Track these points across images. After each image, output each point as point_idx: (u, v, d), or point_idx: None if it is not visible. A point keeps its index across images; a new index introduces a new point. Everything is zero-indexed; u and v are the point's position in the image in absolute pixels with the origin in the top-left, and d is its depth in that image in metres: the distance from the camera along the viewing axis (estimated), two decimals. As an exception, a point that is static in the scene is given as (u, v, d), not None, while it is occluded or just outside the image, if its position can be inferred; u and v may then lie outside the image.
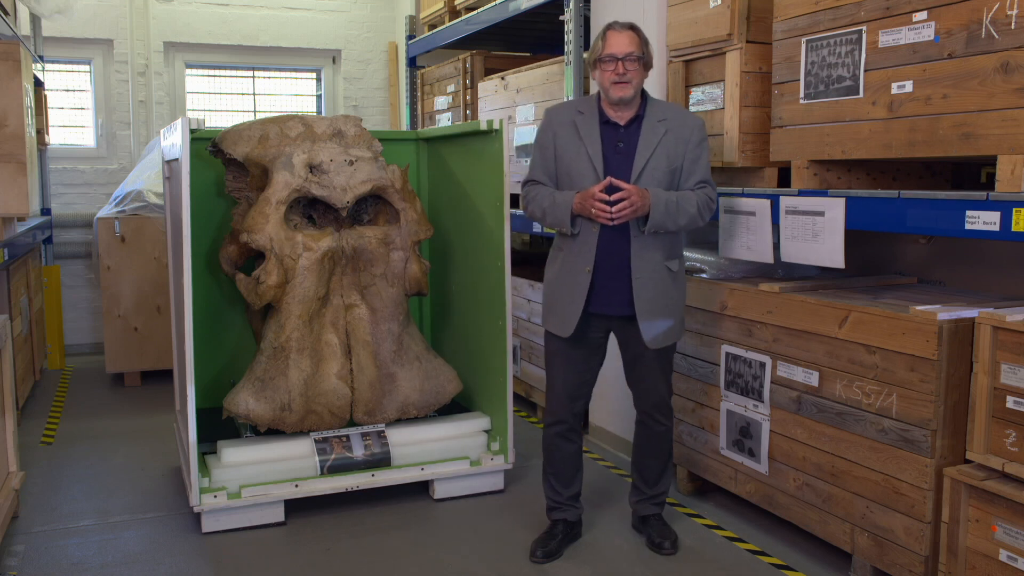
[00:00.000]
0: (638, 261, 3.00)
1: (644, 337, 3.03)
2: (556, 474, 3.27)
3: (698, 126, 3.08)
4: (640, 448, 3.31)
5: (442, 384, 3.81)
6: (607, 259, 3.01)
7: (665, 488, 3.34)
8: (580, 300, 3.04)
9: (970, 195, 2.53)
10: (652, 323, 3.03)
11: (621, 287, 3.02)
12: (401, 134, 4.58)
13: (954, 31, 2.61)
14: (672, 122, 3.04)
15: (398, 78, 7.40)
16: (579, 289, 3.04)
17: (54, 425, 4.88)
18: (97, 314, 6.65)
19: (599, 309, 3.07)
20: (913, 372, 2.69)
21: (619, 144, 3.03)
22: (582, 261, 3.03)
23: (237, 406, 3.50)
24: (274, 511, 3.47)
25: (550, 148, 3.10)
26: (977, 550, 2.54)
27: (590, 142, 3.02)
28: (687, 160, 3.05)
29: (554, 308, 3.13)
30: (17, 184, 4.04)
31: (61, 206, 6.63)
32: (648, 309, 3.02)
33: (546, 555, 3.17)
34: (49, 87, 6.51)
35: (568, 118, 3.09)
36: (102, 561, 3.20)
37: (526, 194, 3.16)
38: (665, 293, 3.05)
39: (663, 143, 3.01)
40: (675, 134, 3.03)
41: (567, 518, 3.28)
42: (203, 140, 3.77)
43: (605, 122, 3.06)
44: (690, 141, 3.04)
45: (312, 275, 3.54)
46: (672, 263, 3.07)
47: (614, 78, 2.97)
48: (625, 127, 3.05)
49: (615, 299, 3.04)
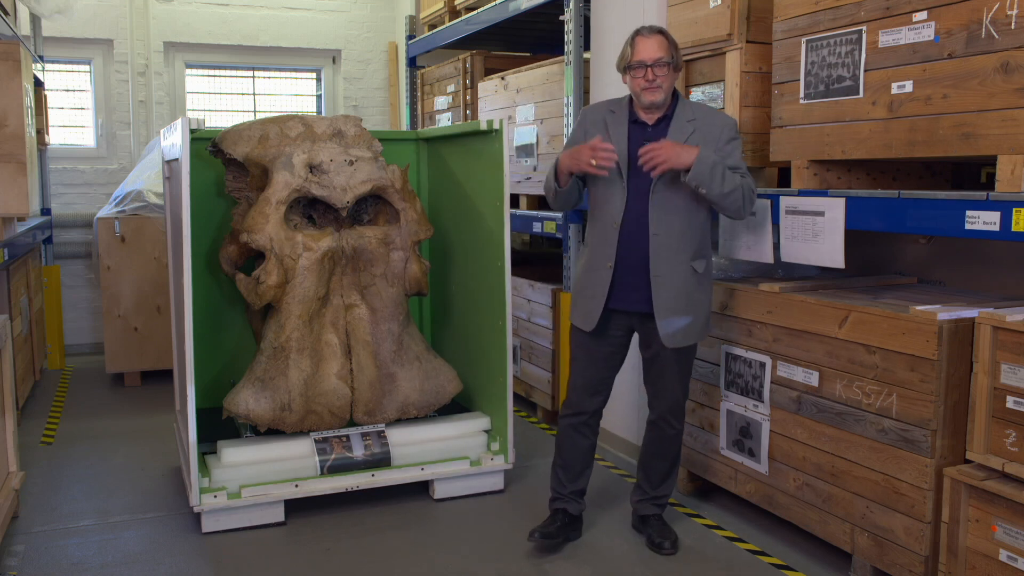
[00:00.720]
0: (657, 260, 3.01)
1: (661, 335, 3.04)
2: (565, 466, 3.28)
3: (729, 125, 3.08)
4: (649, 449, 3.32)
5: (442, 384, 3.81)
6: (628, 256, 3.04)
7: (668, 491, 3.35)
8: (602, 296, 3.07)
9: (970, 195, 2.53)
10: (670, 322, 3.04)
11: (641, 284, 3.04)
12: (401, 134, 4.58)
13: (954, 31, 2.61)
14: (701, 121, 3.05)
15: (398, 78, 7.40)
16: (601, 284, 3.07)
17: (54, 425, 4.88)
18: (97, 314, 6.66)
19: (619, 305, 3.09)
20: (913, 372, 2.69)
21: (645, 142, 3.04)
22: (604, 257, 3.07)
23: (237, 406, 3.50)
24: (274, 511, 3.47)
25: (580, 143, 3.13)
26: (977, 550, 2.54)
27: (618, 139, 3.07)
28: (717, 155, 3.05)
29: (578, 302, 3.18)
30: (17, 184, 4.04)
31: (61, 206, 6.63)
32: (667, 307, 3.03)
33: (544, 536, 3.19)
34: (49, 87, 6.51)
35: (600, 117, 3.16)
36: (102, 561, 3.20)
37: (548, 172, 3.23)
38: (687, 293, 3.06)
39: (690, 141, 3.01)
40: (703, 133, 3.03)
41: (567, 509, 3.29)
42: (203, 140, 3.77)
43: (634, 121, 3.10)
44: (720, 139, 3.04)
45: (312, 275, 3.54)
46: (698, 263, 3.07)
47: (644, 84, 3.00)
48: (653, 126, 3.08)
49: (634, 296, 3.06)
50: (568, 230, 4.40)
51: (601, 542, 3.33)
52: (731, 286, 3.42)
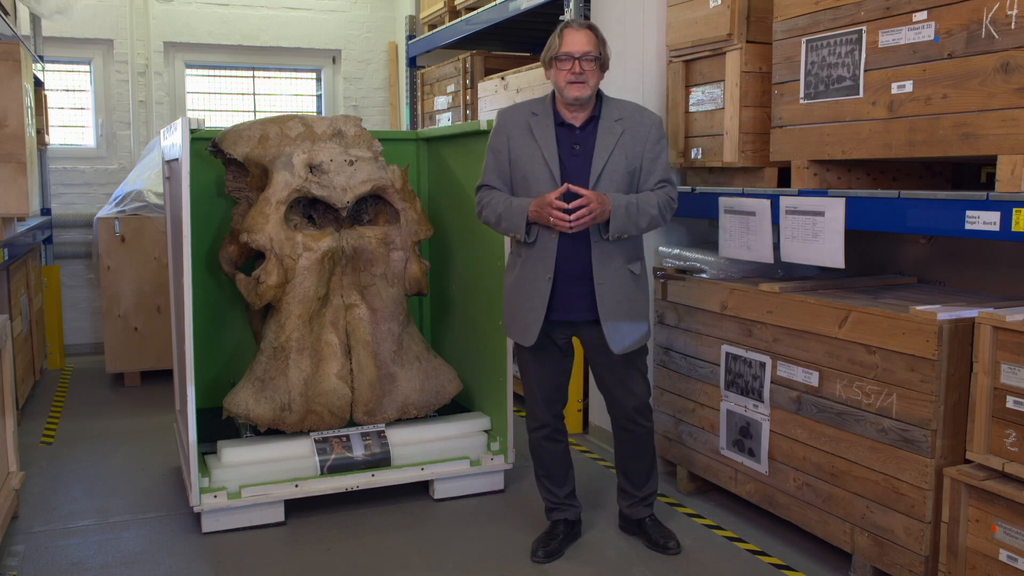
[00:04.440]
0: (600, 267, 2.94)
1: (611, 345, 2.98)
2: (548, 476, 3.26)
3: (655, 124, 3.02)
4: (624, 452, 3.26)
5: (442, 384, 3.81)
6: (568, 265, 2.95)
7: (654, 488, 3.31)
8: (541, 308, 2.97)
9: (970, 195, 2.53)
10: (618, 328, 2.98)
11: (583, 292, 2.97)
12: (401, 134, 4.58)
13: (954, 31, 2.61)
14: (629, 121, 2.98)
15: (398, 78, 7.40)
16: (539, 297, 2.97)
17: (54, 425, 4.88)
18: (97, 314, 6.65)
19: (562, 316, 3.01)
20: (913, 372, 2.69)
21: (575, 146, 2.97)
22: (542, 268, 2.96)
23: (237, 406, 3.50)
24: (274, 511, 3.47)
25: (504, 152, 3.02)
26: (977, 550, 2.54)
27: (545, 145, 2.95)
28: (646, 159, 2.99)
29: (515, 317, 3.06)
30: (17, 184, 4.04)
31: (61, 206, 6.63)
32: (613, 313, 2.97)
33: (548, 555, 3.17)
34: (49, 87, 6.51)
35: (522, 120, 3.01)
36: (102, 561, 3.20)
37: (480, 199, 3.06)
38: (629, 297, 3.01)
39: (620, 144, 2.95)
40: (632, 134, 2.97)
41: (567, 517, 3.28)
42: (203, 140, 3.76)
43: (560, 124, 2.99)
44: (648, 140, 2.99)
45: (312, 275, 3.54)
46: (635, 266, 3.03)
47: (570, 77, 2.90)
48: (581, 128, 2.98)
49: (577, 305, 2.99)
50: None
51: (601, 542, 3.33)
52: (731, 286, 3.42)
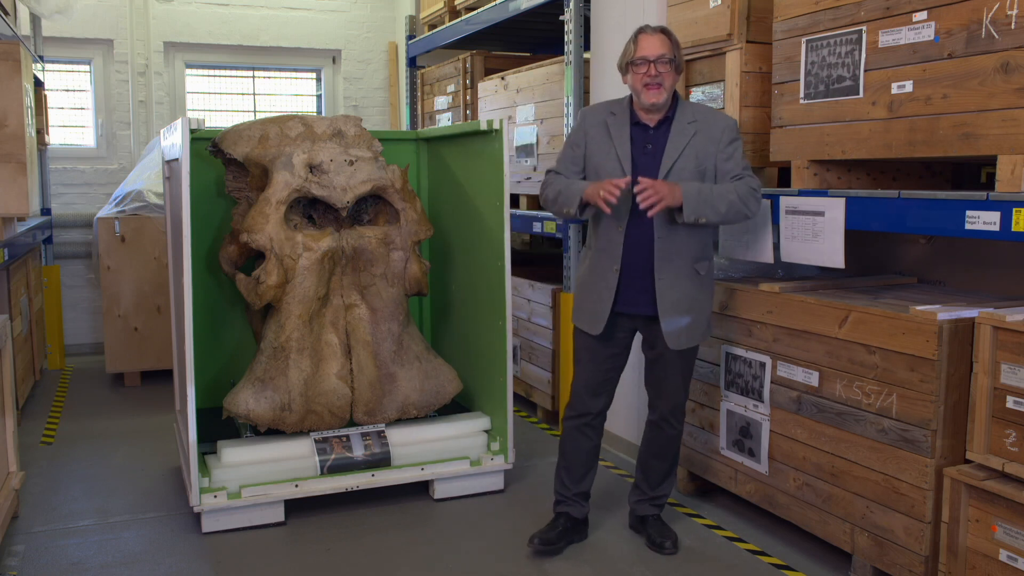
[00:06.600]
0: (662, 263, 3.02)
1: (665, 337, 3.06)
2: (568, 468, 3.29)
3: (729, 126, 3.08)
4: (649, 449, 3.32)
5: (442, 384, 3.81)
6: (633, 259, 3.05)
7: (667, 491, 3.35)
8: (608, 299, 3.08)
9: (970, 195, 2.53)
10: (674, 323, 3.06)
11: (646, 287, 3.05)
12: (401, 134, 4.58)
13: (954, 31, 2.61)
14: (702, 123, 3.05)
15: (398, 78, 7.40)
16: (607, 288, 3.08)
17: (54, 425, 4.88)
18: (97, 314, 6.65)
19: (625, 308, 3.10)
20: (913, 372, 2.69)
21: (647, 145, 3.06)
22: (610, 261, 3.07)
23: (237, 406, 3.50)
24: (274, 511, 3.47)
25: (580, 146, 3.15)
26: (977, 550, 2.54)
27: (620, 143, 3.06)
28: (719, 159, 3.04)
29: (584, 306, 3.18)
30: (17, 184, 4.04)
31: (61, 206, 6.63)
32: (671, 310, 3.04)
33: (543, 543, 3.18)
34: (49, 87, 6.51)
35: (601, 118, 3.14)
36: (102, 561, 3.20)
37: (545, 180, 3.21)
38: (690, 295, 3.07)
39: (692, 144, 3.02)
40: (705, 135, 3.03)
41: (571, 513, 3.29)
42: (203, 140, 3.77)
43: (635, 123, 3.09)
44: (721, 141, 3.04)
45: (312, 275, 3.54)
46: (701, 265, 3.09)
47: (646, 80, 2.99)
48: (654, 128, 3.07)
49: (641, 299, 3.07)
50: (568, 230, 4.40)
51: (601, 542, 3.33)
52: (731, 286, 3.42)
